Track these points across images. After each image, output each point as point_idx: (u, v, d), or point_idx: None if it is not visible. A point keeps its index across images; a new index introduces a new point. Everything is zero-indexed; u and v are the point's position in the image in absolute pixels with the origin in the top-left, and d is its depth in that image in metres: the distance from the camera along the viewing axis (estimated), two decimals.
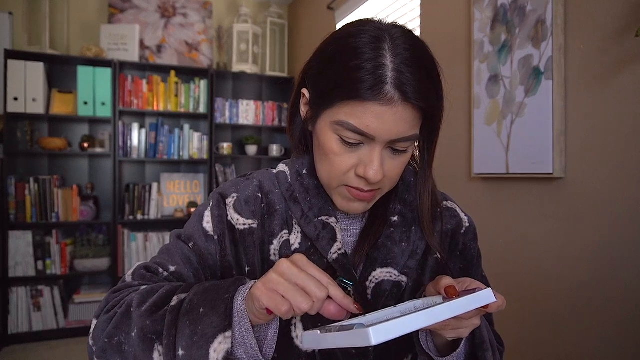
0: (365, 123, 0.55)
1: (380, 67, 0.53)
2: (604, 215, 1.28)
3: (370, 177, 0.57)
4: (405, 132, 0.57)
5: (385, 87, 0.53)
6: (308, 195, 0.66)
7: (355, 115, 0.55)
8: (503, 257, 1.62)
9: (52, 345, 2.87)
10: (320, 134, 0.61)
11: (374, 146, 0.57)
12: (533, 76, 1.46)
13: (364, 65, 0.54)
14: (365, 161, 0.58)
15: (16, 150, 2.95)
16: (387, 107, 0.54)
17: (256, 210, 0.67)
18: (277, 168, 0.73)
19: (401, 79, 0.53)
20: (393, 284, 0.64)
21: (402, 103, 0.54)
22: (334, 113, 0.57)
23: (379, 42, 0.55)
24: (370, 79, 0.53)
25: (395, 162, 0.60)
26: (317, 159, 0.64)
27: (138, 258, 3.16)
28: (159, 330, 0.54)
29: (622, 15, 1.22)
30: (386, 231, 0.66)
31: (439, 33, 2.00)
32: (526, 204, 1.53)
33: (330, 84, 0.57)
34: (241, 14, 3.60)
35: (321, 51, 0.61)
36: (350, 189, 0.61)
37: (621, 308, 1.23)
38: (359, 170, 0.58)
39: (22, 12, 3.09)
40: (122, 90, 3.15)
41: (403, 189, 0.70)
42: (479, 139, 1.70)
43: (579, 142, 1.35)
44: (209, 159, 3.37)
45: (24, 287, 2.89)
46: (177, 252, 0.67)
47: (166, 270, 0.65)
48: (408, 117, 0.56)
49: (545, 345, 1.45)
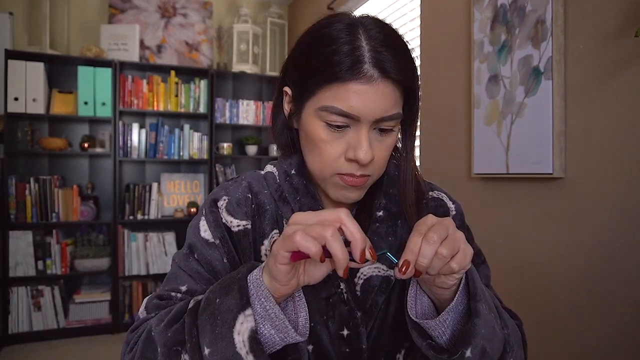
0: (349, 104, 0.56)
1: (357, 49, 0.55)
2: (604, 215, 1.28)
3: (361, 158, 0.57)
4: (388, 110, 0.57)
5: (364, 66, 0.55)
6: (297, 195, 0.66)
7: (337, 98, 0.56)
8: (503, 257, 1.62)
9: (52, 345, 2.87)
10: (306, 124, 0.61)
11: (360, 127, 0.58)
12: (533, 76, 1.46)
13: (340, 48, 0.55)
14: (354, 144, 0.58)
15: (16, 150, 2.96)
16: (368, 85, 0.55)
17: (248, 211, 0.67)
18: (265, 169, 0.72)
19: (378, 57, 0.55)
20: (382, 279, 0.65)
21: (382, 80, 0.56)
22: (317, 100, 0.58)
23: (352, 28, 0.57)
24: (349, 60, 0.55)
25: (382, 145, 0.61)
26: (307, 153, 0.64)
27: (138, 258, 3.16)
28: (181, 339, 0.52)
29: (622, 15, 1.22)
30: (372, 226, 0.66)
31: (439, 33, 2.00)
32: (526, 204, 1.54)
33: (310, 73, 0.58)
34: (241, 14, 3.60)
35: (297, 46, 0.63)
36: (342, 177, 0.60)
37: (621, 308, 1.23)
38: (349, 154, 0.59)
39: (22, 12, 3.09)
40: (122, 90, 3.15)
41: (387, 182, 0.70)
42: (479, 139, 1.70)
43: (578, 142, 1.35)
44: (209, 159, 3.38)
45: (24, 287, 2.89)
46: (184, 271, 0.65)
47: (179, 292, 0.64)
48: (389, 93, 0.57)
49: (545, 345, 1.45)
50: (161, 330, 0.54)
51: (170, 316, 0.55)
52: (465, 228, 0.75)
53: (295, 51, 0.64)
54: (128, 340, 0.60)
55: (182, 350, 0.52)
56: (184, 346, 0.51)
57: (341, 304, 0.63)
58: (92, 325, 3.04)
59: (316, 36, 0.59)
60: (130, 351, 0.58)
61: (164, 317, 0.56)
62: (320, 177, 0.64)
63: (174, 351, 0.52)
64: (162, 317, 0.56)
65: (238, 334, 0.48)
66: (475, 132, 1.72)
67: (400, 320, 0.63)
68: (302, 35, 0.63)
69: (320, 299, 0.63)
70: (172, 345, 0.52)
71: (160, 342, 0.53)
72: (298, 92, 0.62)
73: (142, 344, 0.56)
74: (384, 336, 0.65)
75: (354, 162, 0.59)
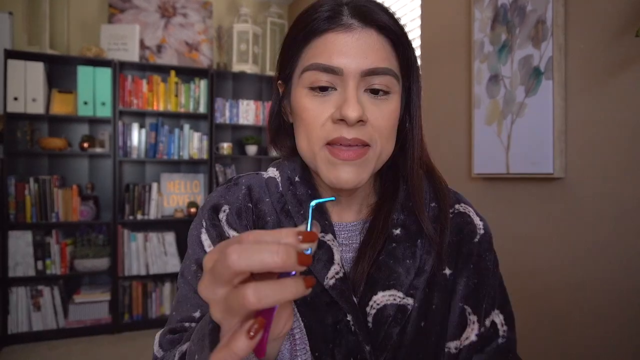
0: (329, 56, 0.52)
1: (337, 5, 0.54)
2: (604, 215, 1.28)
3: (348, 114, 0.51)
4: (375, 62, 0.53)
5: (342, 17, 0.53)
6: (301, 208, 0.59)
7: (317, 53, 0.53)
8: (503, 257, 1.61)
9: (52, 345, 2.87)
10: (293, 100, 0.57)
11: (346, 83, 0.53)
12: (533, 76, 1.46)
13: (320, 9, 0.54)
14: (340, 102, 0.53)
15: (16, 150, 2.95)
16: (348, 34, 0.53)
17: (248, 224, 0.61)
18: (267, 172, 0.66)
19: (358, 9, 0.54)
20: (397, 307, 0.56)
21: (363, 28, 0.53)
22: (301, 66, 0.56)
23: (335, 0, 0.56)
24: (328, 13, 0.53)
25: (378, 109, 0.54)
26: (297, 133, 0.58)
27: (138, 258, 3.16)
28: None
29: (622, 15, 1.22)
30: (387, 247, 0.58)
31: (439, 33, 2.00)
32: (526, 204, 1.53)
33: (293, 43, 0.57)
34: (241, 14, 3.60)
35: (284, 38, 0.61)
36: (332, 149, 0.54)
37: (621, 307, 1.23)
38: (335, 114, 0.53)
39: (22, 12, 3.09)
40: (122, 90, 3.15)
41: (404, 195, 0.61)
42: (479, 139, 1.70)
43: (579, 142, 1.35)
44: (209, 159, 3.37)
45: (24, 287, 2.89)
46: (191, 294, 0.60)
47: (192, 321, 0.59)
48: (374, 44, 0.53)
49: (545, 345, 1.45)
50: None
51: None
52: (493, 259, 0.64)
53: (282, 43, 0.61)
54: None
55: None
56: None
57: (349, 333, 0.55)
58: (92, 325, 3.04)
59: (299, 16, 0.58)
60: None
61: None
62: (310, 156, 0.56)
63: None
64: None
65: None
66: (475, 132, 1.72)
67: (415, 351, 0.57)
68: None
69: (327, 325, 0.55)
70: None
71: None
72: (285, 72, 0.59)
73: None
74: None
75: (343, 122, 0.52)
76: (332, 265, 0.56)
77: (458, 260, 0.62)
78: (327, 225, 0.59)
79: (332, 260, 0.56)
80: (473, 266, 0.62)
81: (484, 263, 0.62)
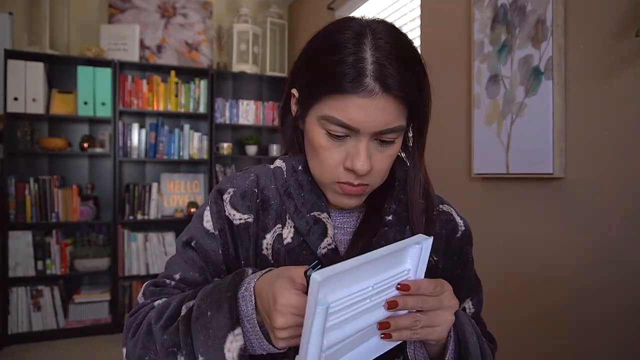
0: (349, 116, 0.57)
1: (360, 61, 0.55)
2: (603, 215, 1.27)
3: (358, 169, 0.58)
4: (388, 123, 0.58)
5: (365, 80, 0.55)
6: (302, 191, 0.68)
7: (338, 109, 0.57)
8: (503, 257, 1.62)
9: (51, 345, 2.87)
10: (309, 130, 0.62)
11: (359, 138, 0.59)
12: (533, 76, 1.46)
13: (345, 59, 0.56)
14: (352, 154, 0.59)
15: (16, 150, 2.95)
16: (369, 99, 0.56)
17: (251, 205, 0.69)
18: (275, 164, 0.74)
19: (381, 71, 0.55)
20: None
21: (383, 94, 0.56)
22: (320, 108, 0.59)
23: (360, 37, 0.57)
24: (351, 72, 0.55)
25: (382, 155, 0.62)
26: (309, 156, 0.66)
27: (138, 258, 3.16)
28: (177, 342, 0.57)
29: (622, 15, 1.22)
30: (380, 230, 0.67)
31: (439, 33, 2.00)
32: (526, 204, 1.53)
33: (315, 80, 0.59)
34: (241, 14, 3.60)
35: (306, 50, 0.64)
36: (341, 185, 0.62)
37: (621, 308, 1.23)
38: (347, 163, 0.60)
39: (22, 12, 3.09)
40: (122, 90, 3.15)
41: (399, 188, 0.70)
42: (479, 139, 1.70)
43: (579, 142, 1.35)
44: (209, 159, 3.37)
45: (24, 287, 2.89)
46: (179, 258, 0.69)
47: (173, 280, 0.68)
48: (390, 108, 0.57)
49: (545, 345, 1.45)
50: (158, 330, 0.59)
51: (166, 316, 0.59)
52: (471, 254, 0.75)
53: (303, 55, 0.64)
54: (129, 325, 0.64)
55: (178, 352, 0.57)
56: (180, 349, 0.57)
57: None
58: (92, 325, 3.04)
59: (324, 42, 0.60)
60: (133, 336, 0.63)
61: (162, 314, 0.60)
62: (320, 181, 0.66)
63: (171, 352, 0.58)
64: (160, 313, 0.61)
65: (228, 351, 0.53)
66: (475, 132, 1.72)
67: None
68: (312, 38, 0.64)
69: None
70: (169, 346, 0.58)
71: (158, 341, 0.59)
72: (303, 97, 0.63)
73: (144, 336, 0.61)
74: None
75: (352, 171, 0.60)
76: (325, 237, 0.65)
77: (445, 251, 0.72)
78: (324, 206, 0.67)
79: (326, 233, 0.65)
80: (457, 258, 0.73)
81: (465, 257, 0.74)
